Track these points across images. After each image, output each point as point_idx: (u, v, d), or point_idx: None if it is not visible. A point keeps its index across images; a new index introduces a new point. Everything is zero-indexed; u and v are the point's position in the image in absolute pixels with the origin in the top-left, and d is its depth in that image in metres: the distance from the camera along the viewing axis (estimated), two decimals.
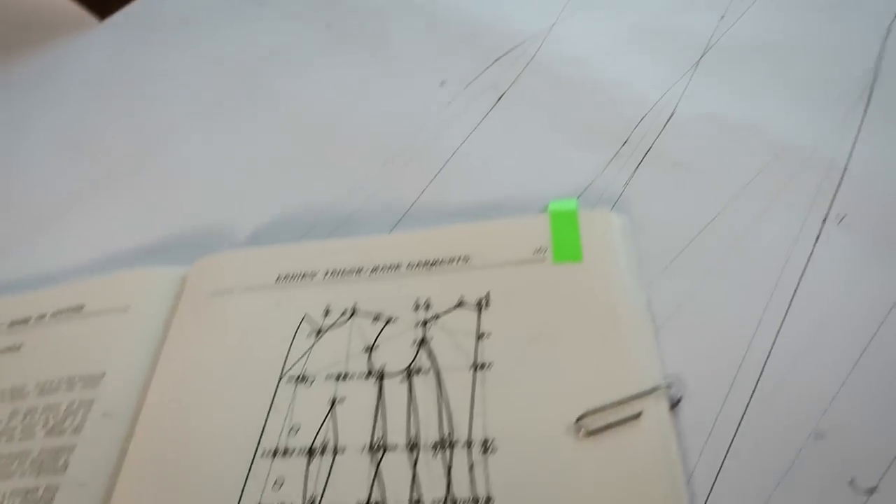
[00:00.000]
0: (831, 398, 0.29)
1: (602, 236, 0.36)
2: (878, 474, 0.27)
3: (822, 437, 0.28)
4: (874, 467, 0.27)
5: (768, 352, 0.31)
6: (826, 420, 0.28)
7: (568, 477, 0.29)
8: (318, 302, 0.37)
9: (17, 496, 0.34)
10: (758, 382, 0.30)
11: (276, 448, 0.32)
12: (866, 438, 0.28)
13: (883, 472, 0.27)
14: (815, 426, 0.29)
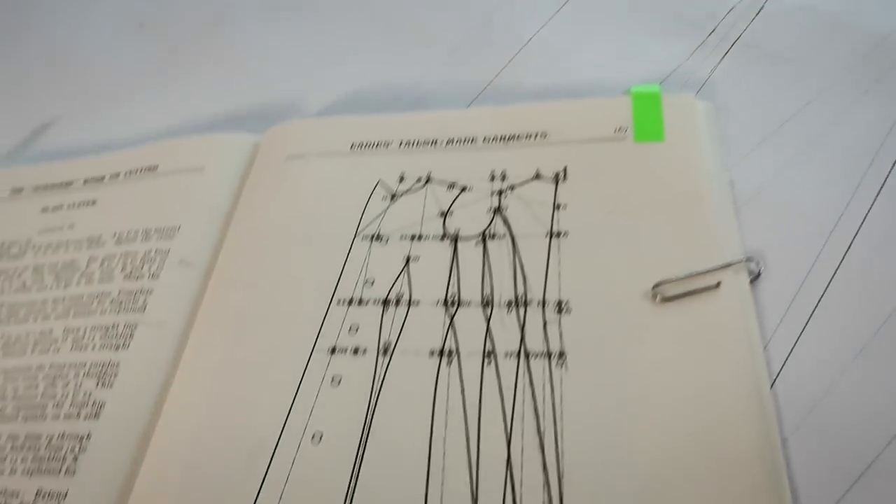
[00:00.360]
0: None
1: (685, 118, 0.35)
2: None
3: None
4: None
5: (851, 238, 0.31)
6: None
7: (643, 338, 0.29)
8: (393, 169, 0.37)
9: (98, 331, 0.36)
10: (840, 264, 0.30)
11: (352, 298, 0.33)
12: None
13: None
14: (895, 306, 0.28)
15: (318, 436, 0.29)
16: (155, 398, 0.33)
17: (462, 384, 0.29)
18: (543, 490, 0.26)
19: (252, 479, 0.28)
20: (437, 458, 0.27)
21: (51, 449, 0.32)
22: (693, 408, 0.27)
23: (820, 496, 0.24)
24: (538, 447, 0.27)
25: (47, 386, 0.34)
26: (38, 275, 0.40)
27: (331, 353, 0.31)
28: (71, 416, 0.33)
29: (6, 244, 0.43)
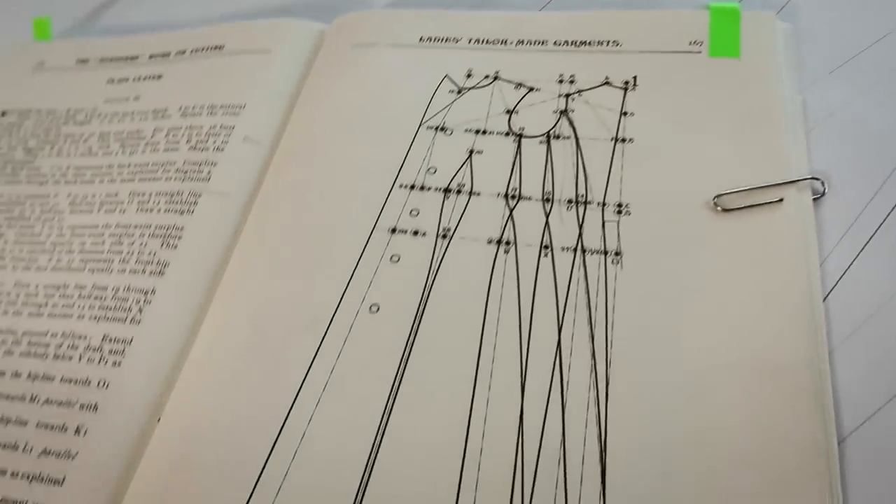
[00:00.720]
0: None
1: (763, 37, 0.35)
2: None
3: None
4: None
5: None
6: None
7: (700, 245, 0.29)
8: (461, 64, 0.37)
9: (163, 196, 0.37)
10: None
11: (414, 183, 0.33)
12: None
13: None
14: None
15: (376, 307, 0.30)
16: (217, 263, 0.34)
17: (518, 272, 0.30)
18: (590, 375, 0.27)
19: (310, 343, 0.29)
20: (489, 338, 0.28)
21: (117, 299, 0.33)
22: (744, 314, 0.27)
23: (861, 405, 0.25)
24: (588, 336, 0.28)
25: (113, 243, 0.36)
26: (103, 141, 0.41)
27: (391, 232, 0.32)
28: (136, 272, 0.34)
29: (72, 111, 0.44)
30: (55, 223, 0.38)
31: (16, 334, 0.33)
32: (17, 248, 0.37)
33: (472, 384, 0.27)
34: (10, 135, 0.43)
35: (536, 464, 0.25)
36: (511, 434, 0.26)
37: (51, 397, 0.31)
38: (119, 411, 0.30)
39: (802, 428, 0.24)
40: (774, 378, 0.26)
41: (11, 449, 0.29)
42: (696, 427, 0.25)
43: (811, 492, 0.23)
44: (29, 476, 0.29)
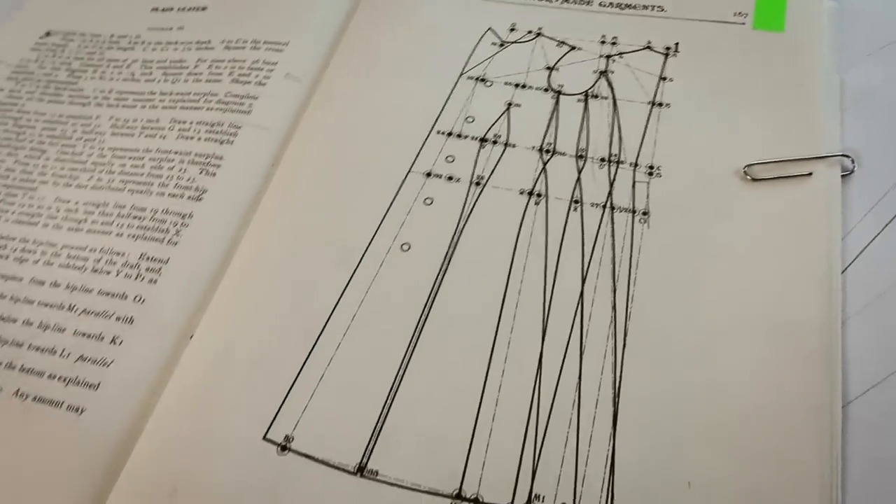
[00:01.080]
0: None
1: (808, 13, 0.35)
2: None
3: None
4: None
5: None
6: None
7: (726, 211, 0.30)
8: (505, 18, 0.38)
9: (204, 126, 0.38)
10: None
11: (451, 130, 0.34)
12: None
13: None
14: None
15: (407, 246, 0.31)
16: (254, 193, 0.35)
17: (547, 223, 0.31)
18: (610, 326, 0.28)
19: (341, 275, 0.30)
20: (514, 283, 0.29)
21: (155, 221, 0.34)
22: (763, 279, 0.28)
23: (868, 373, 0.26)
24: (611, 289, 0.29)
25: (153, 167, 0.37)
26: (146, 68, 0.42)
27: (426, 175, 0.33)
28: (175, 196, 0.35)
29: (115, 36, 0.44)
30: (96, 144, 0.39)
31: (56, 247, 0.35)
32: (59, 166, 0.38)
33: (496, 325, 0.28)
34: (53, 55, 0.44)
35: (552, 404, 0.26)
36: (529, 374, 0.27)
37: (88, 308, 0.32)
38: (153, 325, 0.31)
39: (809, 389, 0.25)
40: (787, 340, 0.27)
41: (50, 353, 0.31)
42: (708, 380, 0.26)
43: (812, 449, 0.24)
44: (65, 379, 0.30)
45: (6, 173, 0.38)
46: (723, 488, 0.24)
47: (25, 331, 0.32)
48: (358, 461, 0.26)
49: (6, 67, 0.44)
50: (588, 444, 0.26)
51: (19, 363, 0.31)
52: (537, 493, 0.25)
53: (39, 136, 0.40)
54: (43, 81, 0.43)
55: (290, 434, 0.27)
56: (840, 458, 0.25)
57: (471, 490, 0.25)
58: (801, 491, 0.24)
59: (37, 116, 0.41)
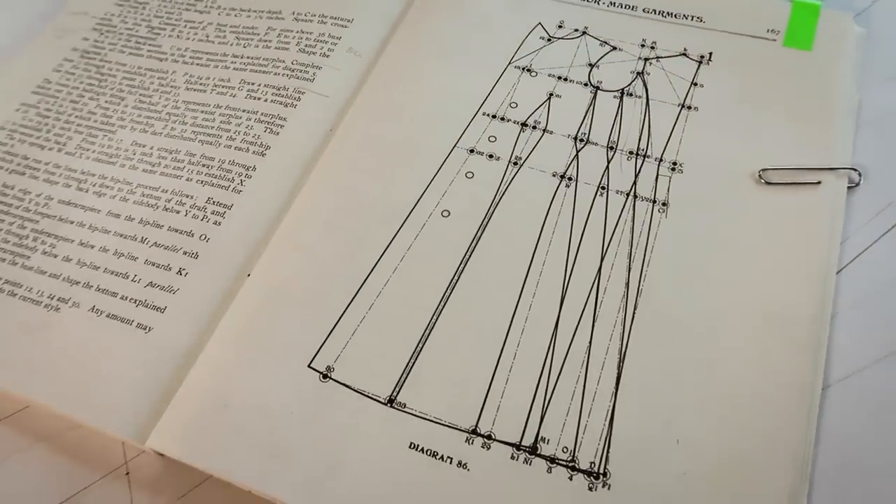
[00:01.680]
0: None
1: (836, 35, 0.38)
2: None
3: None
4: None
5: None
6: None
7: (739, 208, 0.33)
8: (554, 15, 0.41)
9: (271, 88, 0.41)
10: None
11: (496, 113, 0.38)
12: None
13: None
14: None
15: (447, 213, 0.34)
16: (312, 153, 0.39)
17: (574, 204, 0.34)
18: (622, 299, 0.31)
19: (386, 232, 0.34)
20: (540, 254, 0.33)
21: (222, 170, 0.38)
22: (763, 271, 0.31)
23: (850, 362, 0.29)
24: (626, 268, 0.32)
25: (222, 122, 0.40)
26: (220, 31, 0.46)
27: (469, 152, 0.36)
28: (241, 149, 0.39)
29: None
30: (171, 96, 0.43)
31: (131, 185, 0.39)
32: (136, 113, 0.42)
33: (520, 289, 0.32)
34: (135, 12, 0.48)
35: (564, 361, 0.30)
36: (546, 334, 0.31)
37: (159, 241, 0.36)
38: (216, 262, 0.35)
39: (794, 371, 0.29)
40: (780, 327, 0.30)
41: (122, 277, 0.35)
42: (704, 355, 0.29)
43: (790, 423, 0.28)
44: (136, 301, 0.34)
45: (88, 115, 0.42)
46: (707, 448, 0.28)
47: (101, 256, 0.36)
48: (389, 393, 0.30)
49: (91, 19, 0.48)
50: (592, 399, 0.29)
51: (96, 283, 0.35)
52: (543, 435, 0.28)
53: (119, 85, 0.44)
54: (125, 35, 0.47)
55: (331, 365, 0.31)
56: (814, 433, 0.28)
57: (485, 427, 0.29)
58: (775, 458, 0.27)
59: (118, 66, 0.45)
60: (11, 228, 0.37)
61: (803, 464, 0.27)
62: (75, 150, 0.40)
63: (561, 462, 0.28)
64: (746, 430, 0.28)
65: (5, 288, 0.35)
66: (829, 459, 0.28)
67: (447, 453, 0.28)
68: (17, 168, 0.40)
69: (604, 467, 0.27)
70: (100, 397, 0.31)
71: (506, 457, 0.28)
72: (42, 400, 0.31)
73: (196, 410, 0.30)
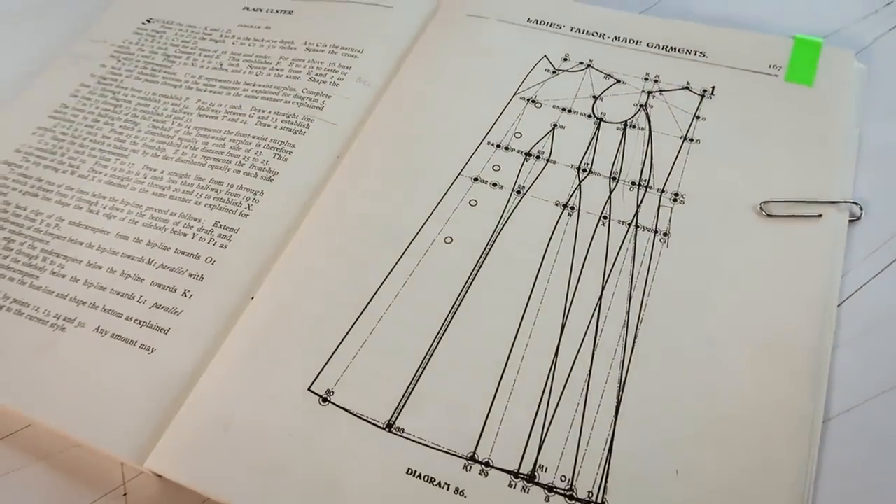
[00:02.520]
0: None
1: (837, 72, 0.38)
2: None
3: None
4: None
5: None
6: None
7: (740, 240, 0.33)
8: (560, 48, 0.42)
9: (281, 116, 0.42)
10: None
11: (500, 143, 0.38)
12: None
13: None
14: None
15: (450, 239, 0.35)
16: (319, 179, 0.39)
17: (576, 233, 0.34)
18: (622, 328, 0.31)
19: (389, 257, 0.34)
20: (541, 282, 0.33)
21: (230, 194, 0.39)
22: (764, 303, 0.31)
23: (851, 395, 0.29)
24: (627, 297, 0.32)
25: (232, 148, 0.41)
26: (234, 60, 0.47)
27: (473, 180, 0.37)
28: (249, 174, 0.40)
29: (209, 29, 0.50)
30: (183, 122, 0.43)
31: (141, 208, 0.39)
32: (149, 138, 0.43)
33: (521, 316, 0.32)
34: (152, 40, 0.50)
35: (563, 389, 0.30)
36: (546, 361, 0.31)
37: (165, 263, 0.37)
38: (220, 284, 0.35)
39: (795, 403, 0.29)
40: (781, 358, 0.30)
41: (128, 298, 0.35)
42: (705, 384, 0.29)
43: (791, 455, 0.28)
44: (140, 322, 0.34)
45: (102, 139, 0.43)
46: (706, 479, 0.27)
47: (108, 277, 0.36)
48: (388, 418, 0.30)
49: (110, 47, 0.50)
50: (591, 427, 0.29)
51: (102, 304, 0.35)
52: (541, 463, 0.28)
53: (134, 111, 0.45)
54: (141, 62, 0.48)
55: (331, 389, 0.31)
56: (815, 465, 0.28)
57: (484, 454, 0.29)
58: (775, 490, 0.27)
59: (133, 92, 0.46)
60: (22, 248, 0.38)
61: (803, 497, 0.27)
62: (88, 173, 0.41)
63: (559, 491, 0.28)
64: (746, 462, 0.28)
65: (12, 307, 0.36)
66: (830, 494, 0.27)
67: (445, 480, 0.28)
68: (30, 190, 0.41)
69: (602, 496, 0.27)
70: (100, 417, 0.31)
71: (503, 484, 0.28)
72: (44, 419, 0.32)
73: (196, 432, 0.30)
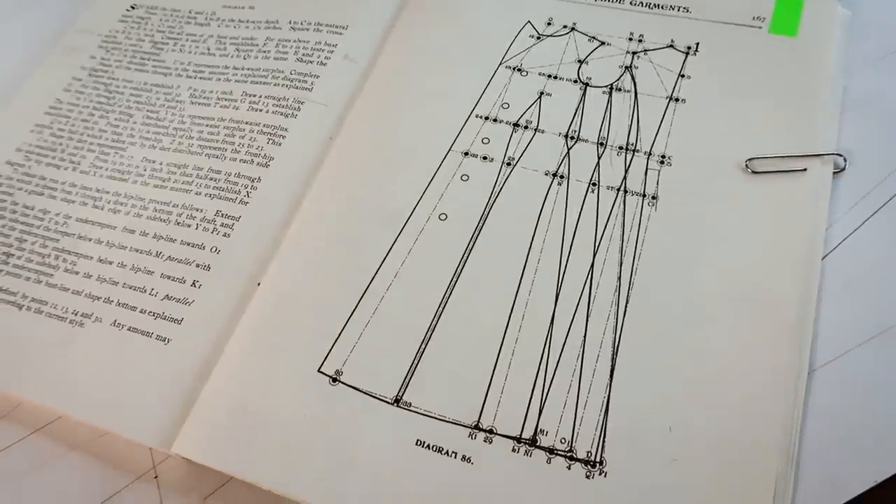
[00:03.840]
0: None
1: (821, 21, 0.38)
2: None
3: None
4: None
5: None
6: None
7: (726, 199, 0.34)
8: (543, 13, 0.42)
9: (272, 100, 0.43)
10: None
11: (488, 115, 0.39)
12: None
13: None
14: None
15: (444, 216, 0.36)
16: (314, 162, 0.40)
17: (567, 201, 0.35)
18: (614, 293, 0.33)
19: (387, 237, 0.36)
20: (535, 252, 0.34)
21: (228, 182, 0.40)
22: (751, 259, 0.33)
23: (835, 345, 0.31)
24: (617, 262, 0.33)
25: (227, 135, 0.42)
26: (220, 44, 0.47)
27: (464, 155, 0.38)
28: (246, 161, 0.41)
29: (193, 12, 0.50)
30: (177, 111, 0.44)
31: (144, 201, 0.40)
32: (144, 129, 0.44)
33: (517, 286, 0.33)
34: (138, 27, 0.50)
35: (560, 356, 0.31)
36: (542, 329, 0.32)
37: (172, 255, 0.38)
38: (227, 273, 0.37)
39: (781, 356, 0.30)
40: (767, 313, 0.31)
41: (140, 291, 0.37)
42: (695, 343, 0.31)
43: (777, 407, 0.29)
44: (154, 314, 0.36)
45: (99, 133, 0.44)
46: (698, 433, 0.29)
47: (120, 271, 0.38)
48: (395, 393, 0.31)
49: (97, 37, 0.50)
50: (588, 391, 0.31)
51: (116, 298, 0.37)
52: (542, 428, 0.30)
53: (127, 102, 0.45)
54: (129, 51, 0.48)
55: (340, 368, 0.32)
56: (801, 416, 0.29)
57: (487, 422, 0.30)
58: (762, 441, 0.29)
59: (125, 83, 0.47)
60: (34, 248, 0.39)
61: (790, 446, 0.28)
62: (89, 169, 0.42)
63: (559, 452, 0.29)
64: (735, 415, 0.29)
65: (32, 306, 0.37)
66: (816, 442, 0.29)
67: (452, 448, 0.30)
68: (35, 189, 0.42)
69: (600, 456, 0.29)
70: (125, 408, 0.33)
71: (507, 449, 0.30)
72: (71, 412, 0.34)
73: (216, 416, 0.32)
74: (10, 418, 0.35)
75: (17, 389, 0.35)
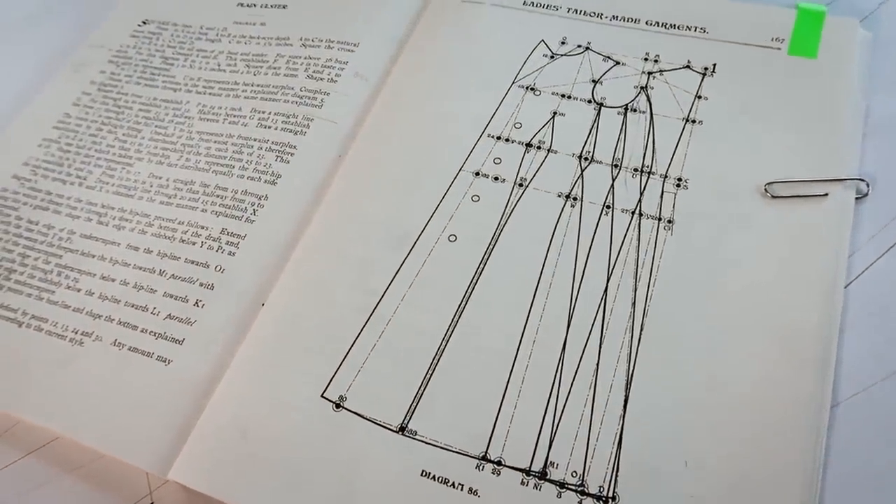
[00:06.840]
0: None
1: (842, 42, 0.37)
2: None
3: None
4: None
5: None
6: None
7: (745, 224, 0.33)
8: (557, 32, 0.41)
9: (281, 116, 0.42)
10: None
11: (500, 135, 0.38)
12: None
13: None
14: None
15: (454, 237, 0.35)
16: (322, 180, 0.39)
17: (580, 224, 0.34)
18: (628, 320, 0.32)
19: (395, 258, 0.35)
20: (546, 276, 0.33)
21: (235, 200, 0.39)
22: (771, 287, 0.31)
23: (858, 379, 0.29)
24: (632, 288, 0.32)
25: (235, 152, 0.41)
26: (231, 60, 0.47)
27: (475, 175, 0.37)
28: (253, 179, 0.40)
29: (204, 28, 0.49)
30: (185, 127, 0.44)
31: (149, 217, 0.40)
32: (152, 145, 0.43)
33: (527, 312, 0.32)
34: (149, 42, 0.49)
35: (571, 385, 0.30)
36: (554, 357, 0.31)
37: (176, 273, 0.37)
38: (231, 292, 0.36)
39: (802, 388, 0.29)
40: (787, 344, 0.30)
41: (142, 310, 0.36)
42: (712, 374, 0.30)
43: (799, 442, 0.28)
44: (155, 334, 0.35)
45: (107, 148, 0.44)
46: (715, 469, 0.28)
47: (122, 289, 0.37)
48: (400, 421, 0.30)
49: (108, 52, 0.50)
50: (600, 422, 0.29)
51: (117, 317, 0.36)
52: (552, 460, 0.29)
53: (136, 117, 0.45)
54: (140, 66, 0.48)
55: (343, 394, 0.31)
56: (823, 453, 0.28)
57: (495, 453, 0.29)
58: (784, 478, 0.27)
59: (134, 98, 0.46)
60: (37, 264, 0.39)
61: (812, 484, 0.27)
62: (95, 184, 0.42)
63: (570, 487, 0.28)
64: (755, 450, 0.28)
65: (32, 323, 0.36)
66: (839, 479, 0.28)
67: (458, 480, 0.29)
68: (40, 204, 0.41)
69: (613, 491, 0.28)
70: (123, 430, 0.32)
71: (516, 482, 0.28)
72: (68, 433, 0.33)
73: (215, 441, 0.31)
74: (6, 438, 0.34)
75: (14, 408, 0.34)
